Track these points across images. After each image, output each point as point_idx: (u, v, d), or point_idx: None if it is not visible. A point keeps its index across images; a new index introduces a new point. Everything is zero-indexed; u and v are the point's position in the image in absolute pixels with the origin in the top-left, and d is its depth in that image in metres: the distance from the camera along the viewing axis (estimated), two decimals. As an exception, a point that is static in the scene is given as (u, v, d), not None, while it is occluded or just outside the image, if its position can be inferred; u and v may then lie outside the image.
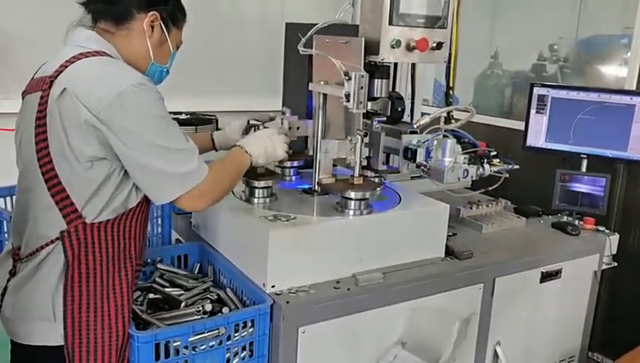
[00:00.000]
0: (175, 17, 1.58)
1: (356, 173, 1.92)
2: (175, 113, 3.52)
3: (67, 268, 1.41)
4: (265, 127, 1.94)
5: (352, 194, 1.84)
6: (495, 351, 2.15)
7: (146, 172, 1.41)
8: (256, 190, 1.92)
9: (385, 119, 2.08)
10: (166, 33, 1.57)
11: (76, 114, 1.35)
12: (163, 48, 1.58)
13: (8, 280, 1.50)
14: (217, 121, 3.61)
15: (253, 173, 1.94)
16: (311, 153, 2.20)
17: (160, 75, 1.62)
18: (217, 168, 1.56)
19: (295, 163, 2.20)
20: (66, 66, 1.40)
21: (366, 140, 1.90)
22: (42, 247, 1.42)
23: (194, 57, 3.81)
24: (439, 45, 1.93)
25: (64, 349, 1.41)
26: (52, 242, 1.41)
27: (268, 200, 1.93)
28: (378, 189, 1.90)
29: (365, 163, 2.02)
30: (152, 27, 1.53)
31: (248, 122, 1.99)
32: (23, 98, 1.51)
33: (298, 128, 2.15)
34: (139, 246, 1.54)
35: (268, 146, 1.75)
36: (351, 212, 1.84)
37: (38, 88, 1.43)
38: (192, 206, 1.53)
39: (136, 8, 1.50)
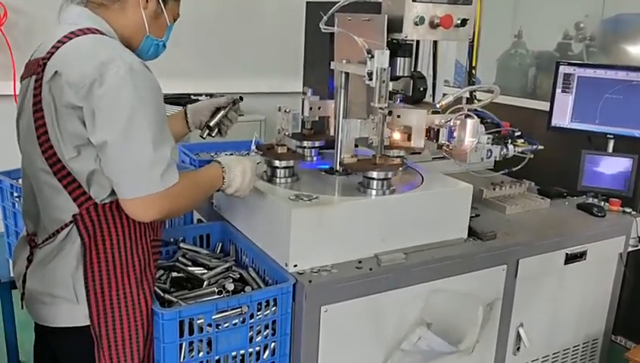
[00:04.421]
0: None
1: (378, 152, 1.90)
2: (195, 95, 3.54)
3: (85, 250, 1.41)
4: (231, 110, 1.92)
5: (375, 174, 1.82)
6: (518, 332, 2.13)
7: (116, 161, 1.33)
8: (278, 170, 1.92)
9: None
10: (162, 5, 1.52)
11: (65, 96, 1.32)
12: (160, 21, 1.54)
13: (27, 267, 1.51)
14: (237, 102, 3.60)
15: (273, 153, 1.94)
16: (332, 133, 2.19)
17: (156, 49, 1.58)
18: (189, 179, 1.49)
19: (316, 143, 2.20)
20: (58, 47, 1.37)
21: (389, 119, 1.88)
22: (58, 231, 1.43)
23: (215, 38, 3.82)
24: (464, 22, 1.89)
25: (90, 329, 1.43)
26: (67, 225, 1.41)
27: (289, 180, 1.92)
28: (400, 169, 1.88)
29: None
30: None
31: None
32: (21, 82, 1.49)
33: (319, 108, 2.15)
34: (154, 223, 1.53)
35: (246, 179, 1.66)
36: (373, 192, 1.83)
37: (33, 71, 1.41)
38: (144, 210, 1.38)
39: None
